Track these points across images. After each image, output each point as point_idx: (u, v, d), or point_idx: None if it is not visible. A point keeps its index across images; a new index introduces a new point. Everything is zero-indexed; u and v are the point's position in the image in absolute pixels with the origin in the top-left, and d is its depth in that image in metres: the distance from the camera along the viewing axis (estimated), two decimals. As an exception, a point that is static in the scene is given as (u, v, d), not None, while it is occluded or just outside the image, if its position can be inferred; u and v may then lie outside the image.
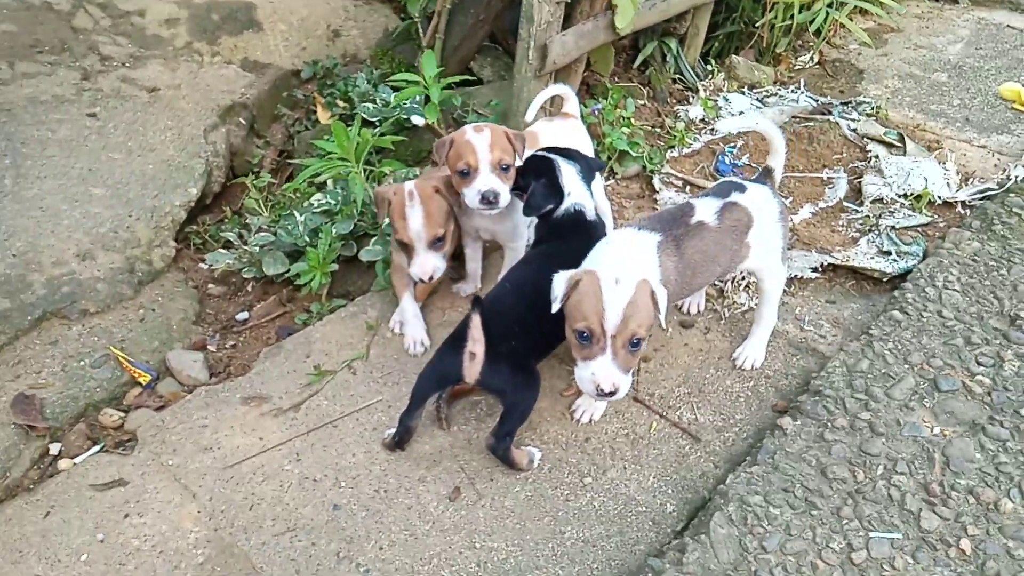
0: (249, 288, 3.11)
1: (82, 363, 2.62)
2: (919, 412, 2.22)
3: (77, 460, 2.35)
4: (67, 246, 2.94)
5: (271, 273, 2.97)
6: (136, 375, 2.61)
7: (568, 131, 2.94)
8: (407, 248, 2.53)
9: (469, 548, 2.05)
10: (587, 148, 2.99)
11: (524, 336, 2.17)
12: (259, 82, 4.19)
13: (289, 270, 2.94)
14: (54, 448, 2.39)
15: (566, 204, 2.43)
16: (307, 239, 2.96)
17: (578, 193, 2.45)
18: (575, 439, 2.36)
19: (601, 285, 1.90)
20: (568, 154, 2.54)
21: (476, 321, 2.03)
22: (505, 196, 2.45)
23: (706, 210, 2.24)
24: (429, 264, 2.51)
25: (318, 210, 3.03)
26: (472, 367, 2.08)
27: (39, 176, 3.20)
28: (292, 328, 2.87)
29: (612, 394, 1.90)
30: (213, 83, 4.06)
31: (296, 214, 3.03)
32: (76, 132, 3.47)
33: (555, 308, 1.98)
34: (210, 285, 3.14)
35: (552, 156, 2.51)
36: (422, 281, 2.56)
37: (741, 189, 2.33)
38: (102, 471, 2.28)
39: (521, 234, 2.75)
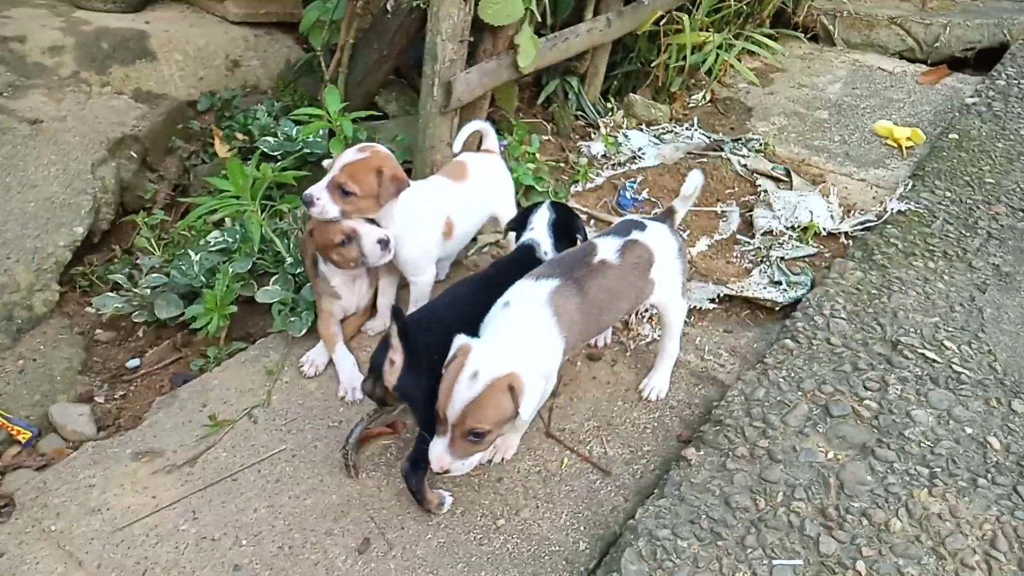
0: (140, 333, 2.95)
1: (-50, 422, 2.41)
2: (813, 438, 2.33)
3: (-56, 531, 2.14)
4: (-67, 293, 2.72)
5: (164, 316, 2.82)
6: (14, 432, 2.42)
7: (489, 165, 2.99)
8: (350, 240, 2.49)
9: (380, 601, 1.99)
10: (507, 183, 3.07)
11: (444, 354, 2.11)
12: (152, 113, 4.02)
13: (184, 313, 2.81)
14: (-84, 519, 2.18)
15: (524, 236, 2.61)
16: (203, 279, 2.84)
17: (539, 233, 2.60)
18: (488, 479, 2.34)
19: (459, 374, 1.92)
20: (565, 212, 2.70)
21: (393, 330, 2.08)
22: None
23: (608, 249, 2.28)
24: (378, 230, 2.53)
25: (215, 249, 2.92)
26: (391, 373, 2.12)
27: (-99, 216, 2.95)
28: (188, 375, 2.73)
29: (443, 473, 2.00)
30: (102, 115, 3.86)
31: (191, 253, 2.90)
32: (-54, 168, 3.23)
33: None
34: (98, 331, 2.96)
35: (548, 206, 2.68)
36: (383, 248, 2.52)
37: (641, 227, 2.39)
38: (-27, 543, 2.09)
39: (422, 268, 2.73)
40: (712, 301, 3.06)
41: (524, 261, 2.48)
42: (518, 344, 2.02)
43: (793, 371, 2.58)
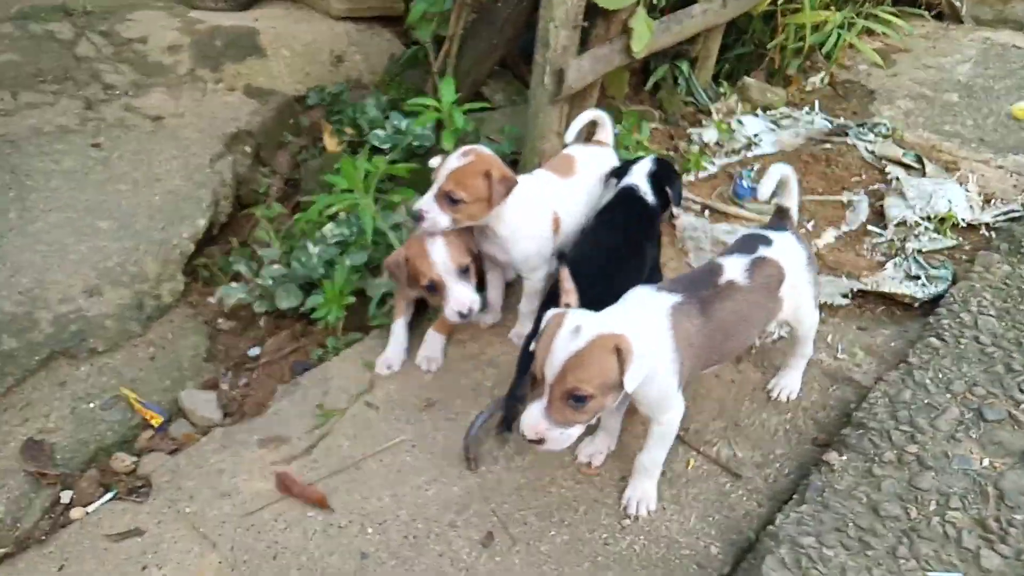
0: (261, 323, 3.01)
1: (91, 405, 2.51)
2: (967, 443, 2.14)
3: (90, 508, 2.23)
4: (74, 282, 2.84)
5: (285, 307, 2.87)
6: (148, 417, 2.51)
7: (598, 159, 2.87)
8: (436, 290, 2.45)
9: (506, 598, 1.95)
10: None
11: (606, 283, 2.19)
12: (263, 109, 4.13)
13: (304, 303, 2.85)
14: (65, 496, 2.28)
15: (625, 181, 2.67)
16: (322, 271, 2.87)
17: (638, 179, 2.66)
18: (610, 478, 2.26)
19: (559, 330, 1.78)
20: (666, 168, 2.76)
21: (565, 273, 2.08)
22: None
23: (735, 268, 2.11)
24: (466, 296, 2.43)
25: (332, 241, 2.95)
26: None
27: (44, 209, 3.10)
28: (307, 364, 2.77)
29: (537, 442, 1.81)
30: (217, 111, 3.99)
31: (310, 246, 2.94)
32: (81, 163, 3.39)
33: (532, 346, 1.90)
34: (220, 320, 3.04)
35: (652, 159, 2.75)
36: (461, 318, 2.44)
37: (767, 242, 2.20)
38: (116, 520, 2.16)
39: (536, 266, 2.65)
40: (844, 296, 2.87)
41: (627, 200, 2.63)
42: (629, 320, 1.85)
43: (940, 371, 2.38)
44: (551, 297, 2.25)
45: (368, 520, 2.14)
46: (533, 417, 1.79)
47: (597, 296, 2.05)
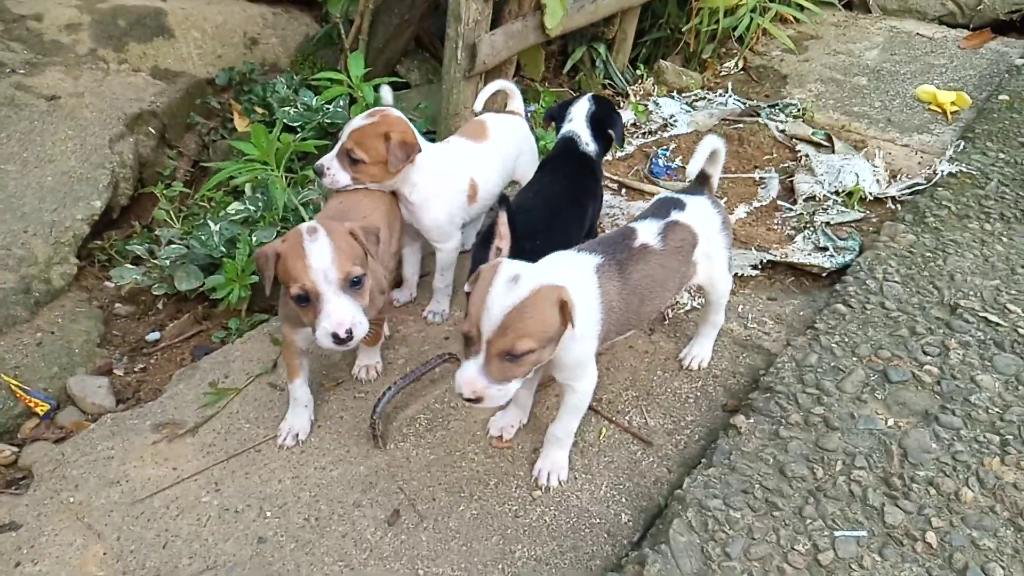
0: (160, 306, 2.85)
1: (-34, 394, 2.33)
2: (872, 404, 2.17)
3: (-41, 504, 2.06)
4: (-51, 265, 2.64)
5: (184, 288, 2.73)
6: (32, 405, 2.34)
7: (511, 125, 2.81)
8: (309, 304, 1.86)
9: (411, 575, 1.88)
10: (531, 145, 2.90)
11: (545, 236, 2.17)
12: (170, 90, 3.94)
13: (204, 284, 2.71)
14: (-69, 492, 2.10)
15: (564, 128, 2.64)
16: (223, 250, 2.74)
17: (578, 126, 2.62)
18: (522, 450, 2.22)
19: (493, 280, 1.64)
20: (605, 106, 2.70)
21: (503, 218, 1.99)
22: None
23: (648, 232, 2.06)
24: (345, 312, 1.84)
25: (236, 219, 2.82)
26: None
27: (-83, 190, 2.88)
28: (209, 347, 2.64)
29: (475, 401, 1.68)
30: (120, 91, 3.78)
31: (211, 223, 2.80)
32: (-39, 142, 3.16)
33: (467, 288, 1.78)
34: (117, 304, 2.87)
35: (589, 98, 2.69)
36: (336, 340, 1.84)
37: (680, 206, 2.16)
38: (-11, 515, 2.00)
39: (448, 234, 2.59)
40: (755, 268, 2.91)
41: (568, 151, 2.61)
42: (562, 275, 1.75)
43: (847, 336, 2.42)
44: (485, 241, 2.16)
45: (267, 504, 2.03)
46: (470, 375, 1.65)
47: (533, 248, 1.99)
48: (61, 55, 3.89)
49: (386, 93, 2.93)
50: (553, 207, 2.41)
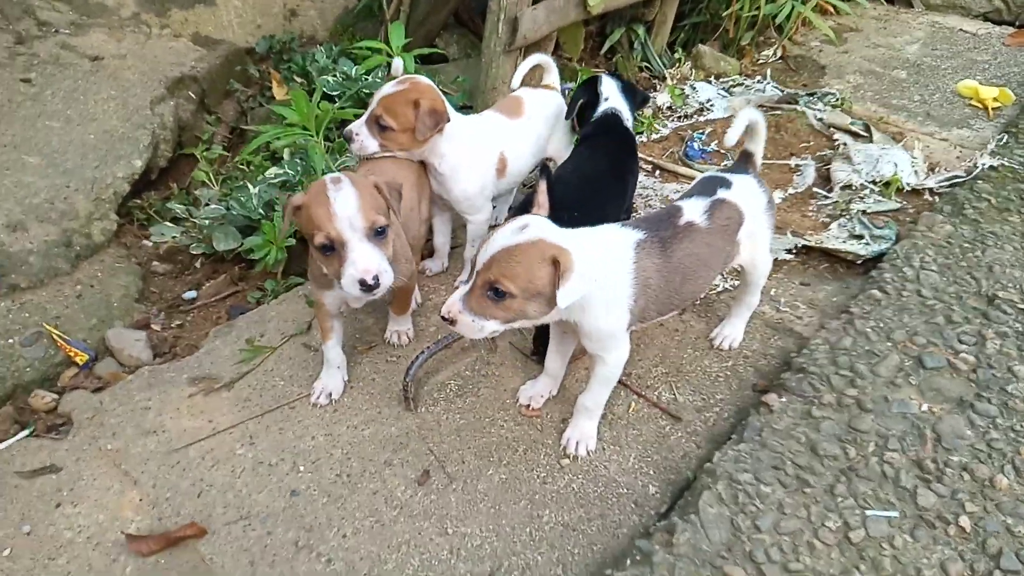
0: (198, 265, 2.90)
1: (11, 341, 2.38)
2: (906, 389, 2.16)
3: (2, 446, 2.11)
4: (-5, 216, 2.69)
5: (222, 249, 2.77)
6: (72, 354, 2.39)
7: (547, 101, 2.80)
8: (334, 252, 1.84)
9: (440, 534, 1.90)
10: (566, 124, 2.86)
11: (584, 209, 2.15)
12: (210, 56, 3.98)
13: (242, 245, 2.74)
14: (-25, 432, 2.16)
15: (603, 107, 2.65)
16: (262, 212, 2.77)
17: (615, 101, 2.66)
18: (550, 420, 2.23)
19: (509, 225, 1.72)
20: (624, 80, 2.76)
21: (542, 187, 1.93)
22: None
23: (694, 210, 2.03)
24: (372, 259, 1.82)
25: (274, 182, 2.85)
26: None
27: (-36, 142, 2.93)
28: (244, 307, 2.67)
29: (449, 322, 1.72)
30: (161, 55, 3.83)
31: (249, 186, 2.83)
32: (8, 97, 3.22)
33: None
34: (155, 263, 2.91)
35: (601, 74, 2.73)
36: (364, 287, 1.82)
37: (727, 185, 2.12)
38: (31, 457, 2.05)
39: (478, 207, 2.59)
40: (789, 252, 2.89)
41: (612, 127, 2.63)
42: (589, 243, 1.78)
43: (882, 321, 2.41)
44: (521, 211, 2.15)
45: (300, 458, 2.07)
46: (453, 298, 1.72)
47: (570, 220, 1.98)
48: (105, 17, 3.94)
49: (398, 64, 2.88)
50: (594, 183, 2.41)
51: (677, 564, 1.68)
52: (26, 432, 2.16)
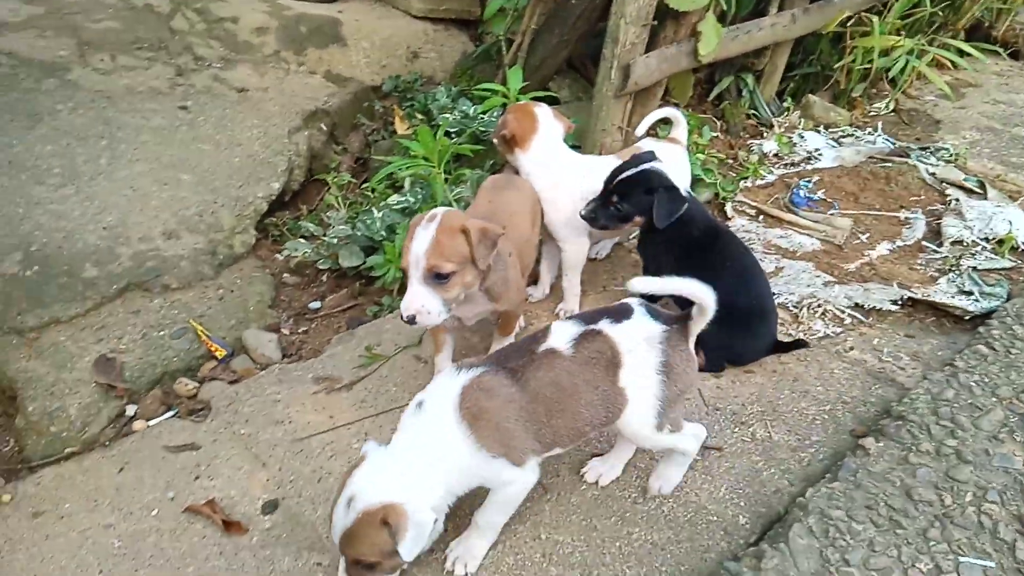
0: (323, 279, 3.16)
1: (162, 333, 2.68)
2: (1009, 444, 2.13)
3: (151, 422, 2.38)
4: (154, 224, 3.04)
5: (347, 265, 3.02)
6: (213, 349, 2.66)
7: (673, 156, 2.89)
8: (405, 279, 2.04)
9: (534, 538, 2.01)
10: (684, 174, 2.96)
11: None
12: (341, 92, 4.34)
13: (364, 263, 2.99)
14: (130, 410, 2.44)
15: (688, 210, 2.46)
16: (384, 234, 3.01)
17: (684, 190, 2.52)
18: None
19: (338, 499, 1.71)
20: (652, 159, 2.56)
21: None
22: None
23: (561, 336, 1.85)
24: (415, 300, 1.97)
25: (396, 208, 3.09)
26: None
27: (132, 159, 3.33)
28: (362, 319, 2.90)
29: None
30: (298, 89, 4.21)
31: (374, 211, 3.09)
32: (168, 122, 3.62)
33: None
34: (285, 275, 3.20)
35: (652, 167, 2.48)
36: (405, 321, 1.99)
37: (618, 317, 1.88)
38: (175, 435, 2.31)
39: (566, 237, 2.73)
40: (895, 303, 2.88)
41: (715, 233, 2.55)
42: (415, 463, 1.72)
43: (987, 377, 2.38)
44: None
45: (409, 458, 2.23)
46: None
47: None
48: (250, 54, 4.37)
49: None
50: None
51: (765, 588, 1.73)
52: (171, 413, 2.43)
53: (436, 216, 2.01)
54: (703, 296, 1.82)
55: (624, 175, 2.49)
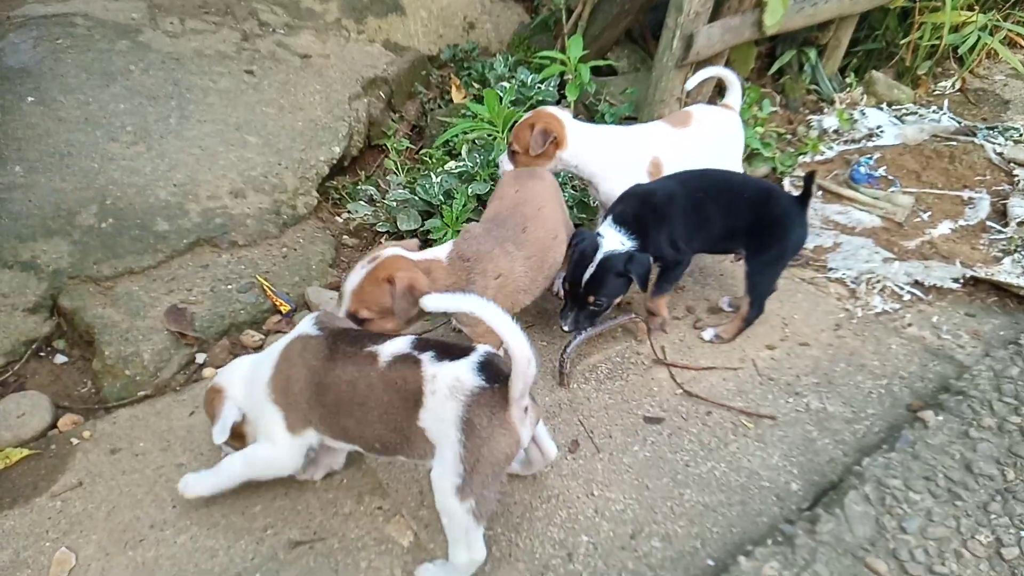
0: (381, 242, 3.22)
1: (229, 287, 2.78)
2: (1074, 424, 2.10)
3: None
4: (222, 183, 3.14)
5: (404, 228, 3.07)
6: (278, 304, 2.75)
7: (719, 118, 2.87)
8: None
9: (587, 495, 2.05)
10: (737, 141, 2.93)
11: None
12: (399, 61, 4.38)
13: (422, 225, 3.04)
14: (200, 358, 2.54)
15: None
16: (441, 199, 3.06)
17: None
18: (696, 412, 2.33)
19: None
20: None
21: None
22: None
23: (392, 347, 1.74)
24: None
25: (454, 172, 3.13)
26: None
27: (200, 120, 3.43)
28: (419, 281, 2.95)
29: None
30: (358, 57, 4.27)
31: (432, 175, 3.13)
32: (235, 85, 3.71)
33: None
34: (345, 236, 3.27)
35: (604, 253, 2.38)
36: None
37: (448, 355, 1.68)
38: (242, 382, 2.40)
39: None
40: (955, 281, 2.83)
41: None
42: (249, 362, 1.96)
43: (1053, 355, 2.34)
44: None
45: (465, 413, 2.29)
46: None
47: None
48: (313, 21, 4.43)
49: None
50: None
51: (819, 549, 1.75)
52: (238, 363, 2.52)
53: (377, 259, 2.06)
54: (510, 341, 1.56)
55: (586, 276, 2.39)
